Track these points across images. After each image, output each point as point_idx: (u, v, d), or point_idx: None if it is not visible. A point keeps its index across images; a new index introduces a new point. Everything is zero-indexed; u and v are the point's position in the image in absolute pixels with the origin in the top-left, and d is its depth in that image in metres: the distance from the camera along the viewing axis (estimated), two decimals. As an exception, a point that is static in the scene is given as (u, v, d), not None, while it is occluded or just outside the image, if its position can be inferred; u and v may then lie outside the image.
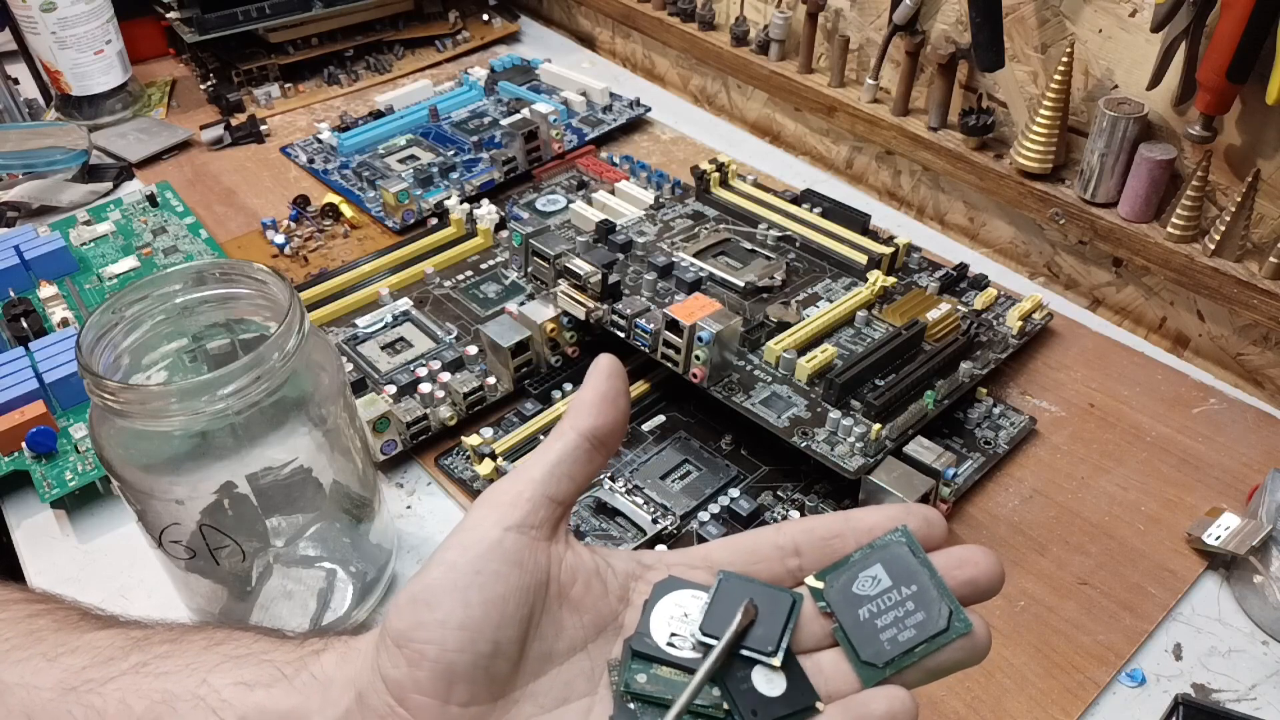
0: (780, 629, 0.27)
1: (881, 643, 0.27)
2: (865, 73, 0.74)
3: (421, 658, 0.26)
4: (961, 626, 0.27)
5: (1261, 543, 0.46)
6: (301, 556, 0.47)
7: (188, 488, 0.38)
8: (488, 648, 0.27)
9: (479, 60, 0.97)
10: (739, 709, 0.26)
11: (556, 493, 0.29)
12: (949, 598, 0.27)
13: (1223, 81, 0.53)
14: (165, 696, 0.28)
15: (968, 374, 0.55)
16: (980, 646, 0.28)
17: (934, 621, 0.27)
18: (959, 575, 0.28)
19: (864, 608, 0.28)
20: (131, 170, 0.81)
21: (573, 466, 0.29)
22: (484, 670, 0.27)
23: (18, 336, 0.60)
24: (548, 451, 0.30)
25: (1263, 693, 0.43)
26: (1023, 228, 0.70)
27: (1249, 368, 0.61)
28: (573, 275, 0.56)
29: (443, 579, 0.27)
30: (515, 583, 0.27)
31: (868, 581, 0.28)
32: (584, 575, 0.29)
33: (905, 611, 0.27)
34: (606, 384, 0.31)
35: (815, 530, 0.30)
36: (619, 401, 0.30)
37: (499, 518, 0.28)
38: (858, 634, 0.28)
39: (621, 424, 0.31)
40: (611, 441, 0.30)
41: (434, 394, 0.55)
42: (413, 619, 0.27)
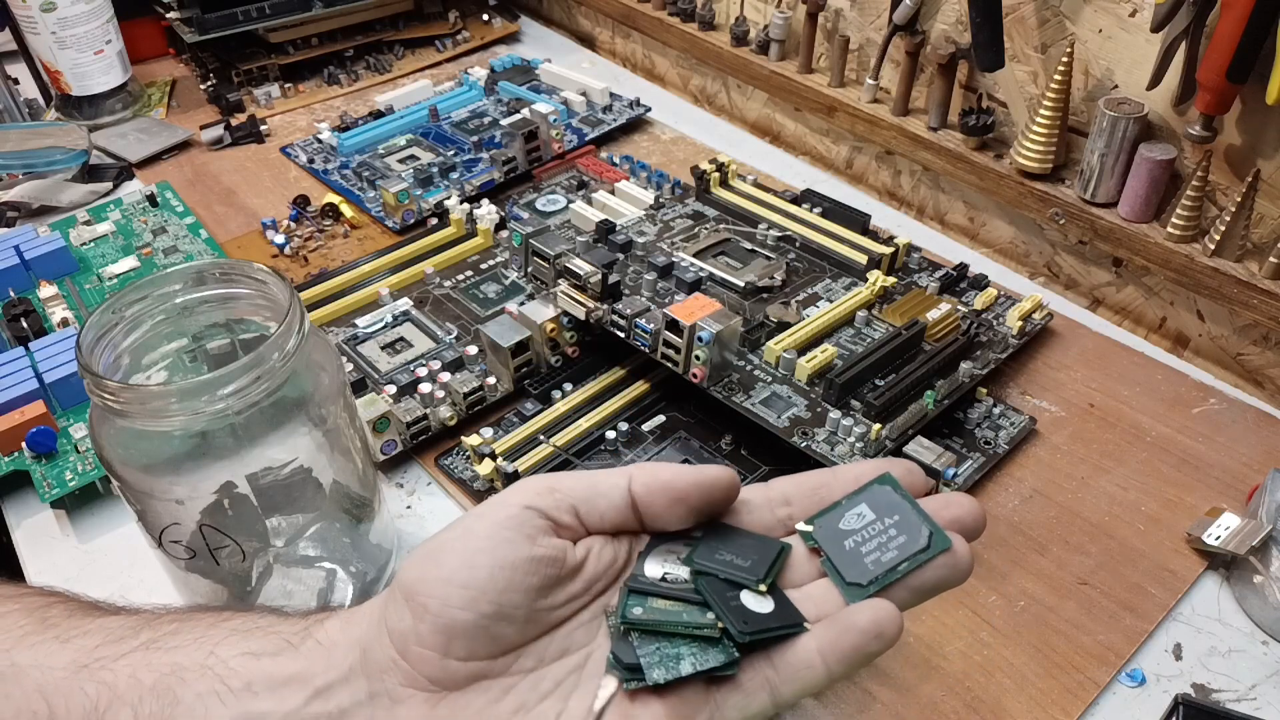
0: (768, 565, 0.29)
1: (866, 565, 0.29)
2: (865, 73, 0.74)
3: (425, 611, 0.27)
4: (941, 543, 0.28)
5: (1261, 543, 0.46)
6: (301, 556, 0.47)
7: (188, 488, 0.38)
8: (490, 609, 0.27)
9: (479, 60, 0.97)
10: (729, 620, 0.27)
11: (586, 514, 0.30)
12: (929, 521, 0.29)
13: (1223, 81, 0.53)
14: (174, 668, 0.28)
15: (968, 374, 0.55)
16: (961, 563, 0.29)
17: (915, 541, 0.29)
18: (944, 514, 0.29)
19: (849, 539, 0.29)
20: (131, 170, 0.81)
21: (609, 509, 0.30)
22: (485, 630, 0.27)
23: (18, 336, 0.60)
24: (598, 478, 0.30)
25: (1263, 693, 0.43)
26: (1023, 228, 0.70)
27: (1249, 368, 0.61)
28: (573, 275, 0.56)
29: (454, 539, 0.28)
30: (526, 555, 0.28)
31: (854, 518, 0.30)
32: (595, 549, 0.30)
33: (888, 537, 0.29)
34: (697, 492, 0.30)
35: (804, 482, 0.31)
36: (682, 508, 0.30)
37: (523, 498, 0.29)
38: (843, 561, 0.29)
39: (670, 519, 0.30)
40: (651, 517, 0.30)
41: (434, 394, 0.55)
42: (420, 573, 0.28)
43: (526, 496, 0.29)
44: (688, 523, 0.30)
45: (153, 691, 0.28)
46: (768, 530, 0.31)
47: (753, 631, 0.27)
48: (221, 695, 0.28)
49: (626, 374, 0.58)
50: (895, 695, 0.43)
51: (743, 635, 0.27)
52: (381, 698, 0.28)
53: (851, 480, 0.31)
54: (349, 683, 0.28)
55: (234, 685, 0.28)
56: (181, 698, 0.28)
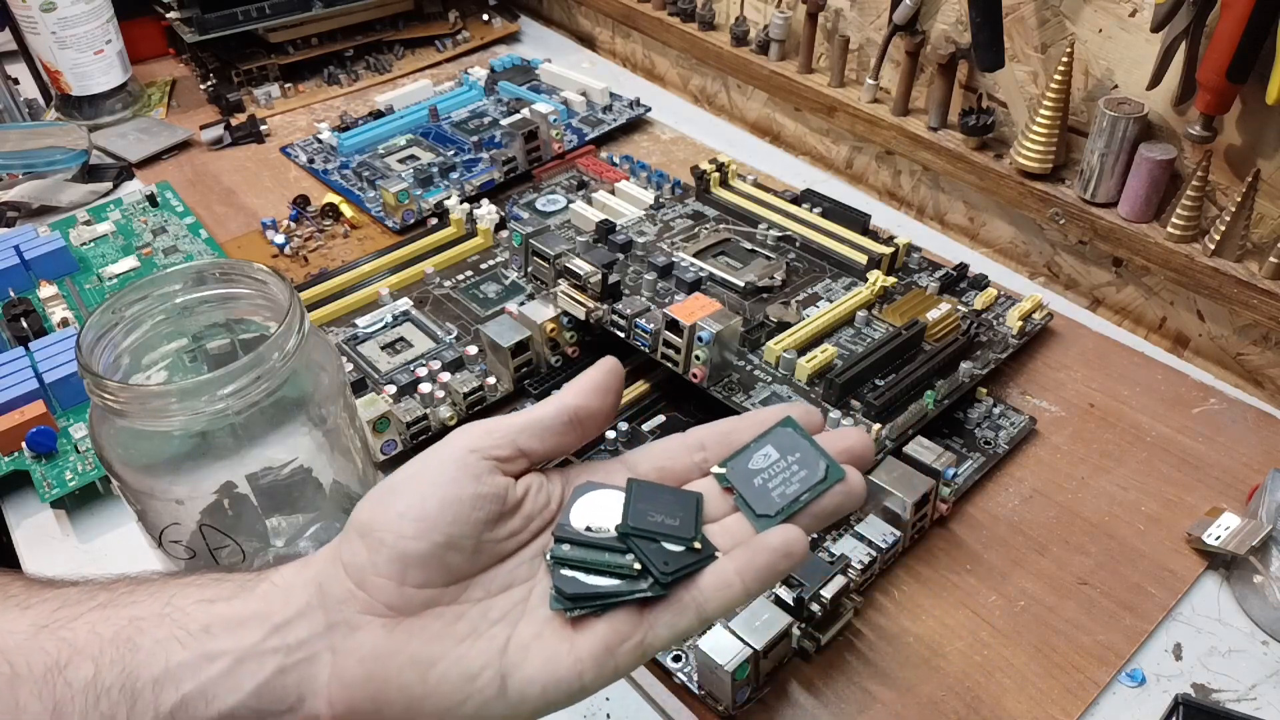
0: (694, 520, 0.32)
1: (773, 498, 0.32)
2: (865, 73, 0.74)
3: (381, 544, 0.29)
4: (836, 474, 0.32)
5: (1261, 543, 0.46)
6: (301, 557, 0.47)
7: (188, 488, 0.38)
8: (441, 539, 0.29)
9: (479, 60, 0.97)
10: (651, 563, 0.30)
11: (525, 445, 0.32)
12: (825, 456, 0.33)
13: (1223, 81, 0.53)
14: (131, 620, 0.30)
15: (968, 374, 0.55)
16: (855, 489, 0.33)
17: (814, 474, 0.32)
18: (838, 445, 0.33)
19: (757, 477, 0.33)
20: (131, 170, 0.81)
21: (546, 432, 0.32)
22: (437, 559, 0.30)
23: (18, 336, 0.60)
24: (530, 410, 0.33)
25: (1263, 693, 0.43)
26: (1023, 228, 0.70)
27: (1249, 368, 0.61)
28: (573, 275, 0.56)
29: (406, 478, 0.31)
30: (471, 490, 0.30)
31: (761, 458, 0.33)
32: (533, 489, 0.32)
33: (791, 473, 0.33)
34: (604, 377, 0.33)
35: (717, 428, 0.35)
36: (608, 396, 0.33)
37: (467, 441, 0.31)
38: (753, 496, 0.32)
39: (604, 414, 0.33)
40: (589, 426, 0.33)
41: (434, 394, 0.55)
42: (375, 511, 0.30)
43: (469, 440, 0.31)
44: (612, 414, 0.34)
45: (112, 642, 0.29)
46: (686, 473, 0.34)
47: (673, 571, 0.30)
48: (180, 639, 0.29)
49: (626, 374, 0.58)
50: (895, 695, 0.43)
51: (664, 576, 0.30)
52: (340, 626, 0.29)
53: (758, 425, 0.34)
54: (306, 616, 0.30)
55: (192, 629, 0.29)
56: (140, 645, 0.29)
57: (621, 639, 0.30)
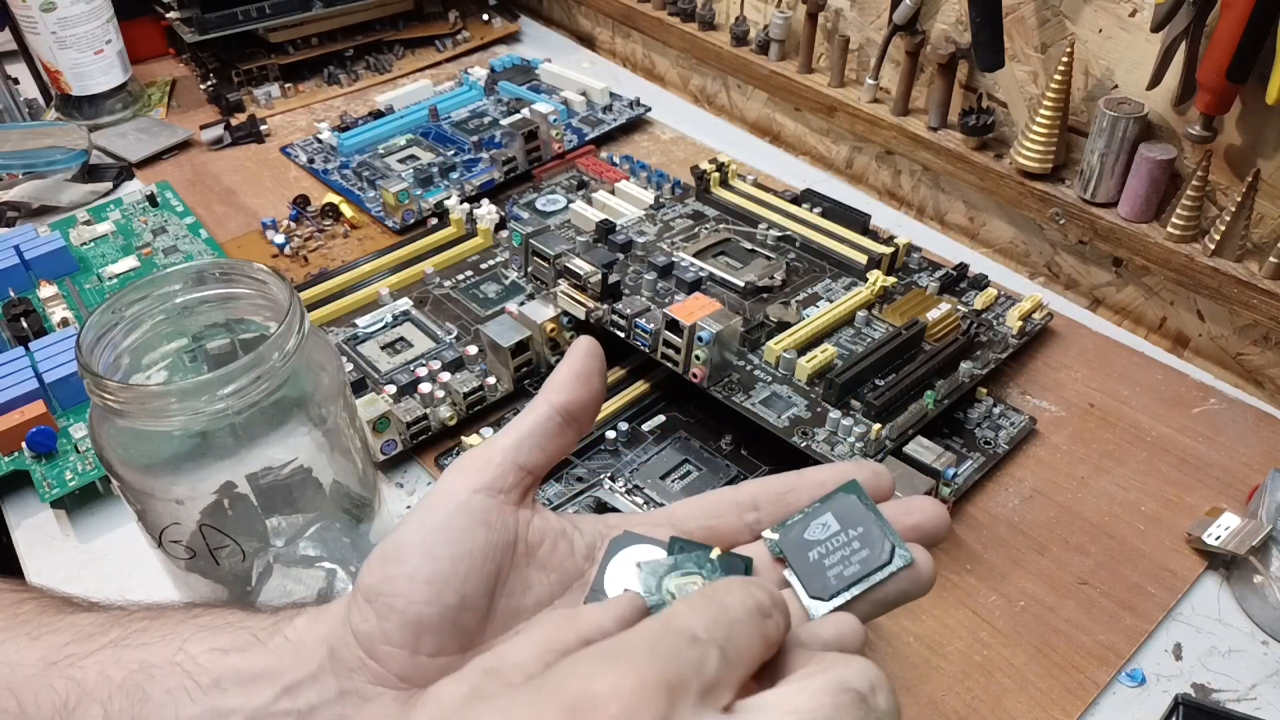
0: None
1: (828, 578, 0.29)
2: (865, 73, 0.74)
3: (390, 610, 0.28)
4: (901, 560, 0.29)
5: (1261, 543, 0.46)
6: (301, 556, 0.47)
7: (188, 488, 0.38)
8: (455, 600, 0.28)
9: (479, 60, 0.97)
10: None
11: (526, 461, 0.30)
12: (892, 535, 0.29)
13: (1223, 81, 0.53)
14: (142, 665, 0.29)
15: (968, 374, 0.55)
16: (923, 577, 0.29)
17: (877, 556, 0.29)
18: (906, 521, 0.30)
19: (813, 550, 0.30)
20: (131, 170, 0.81)
21: (543, 438, 0.31)
22: (451, 622, 0.28)
23: (18, 336, 0.60)
24: (520, 423, 0.31)
25: (1263, 693, 0.43)
26: (1023, 228, 0.70)
27: (1249, 368, 0.61)
28: (573, 275, 0.56)
29: (412, 535, 0.28)
30: (482, 539, 0.28)
31: (818, 528, 0.30)
32: (551, 537, 0.30)
33: (851, 550, 0.29)
34: (583, 362, 0.32)
35: (771, 486, 0.32)
36: (593, 380, 0.31)
37: (468, 481, 0.29)
38: (806, 573, 0.29)
39: (594, 402, 0.32)
40: (583, 418, 0.31)
41: (434, 394, 0.55)
42: (382, 574, 0.28)
43: (469, 480, 0.29)
44: (601, 397, 0.32)
45: (121, 688, 0.28)
46: (735, 535, 0.31)
47: None
48: (190, 691, 0.28)
49: (626, 374, 0.58)
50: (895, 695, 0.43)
51: None
52: (351, 695, 0.28)
53: (818, 486, 0.31)
54: (318, 680, 0.28)
55: (203, 681, 0.28)
56: (151, 694, 0.28)
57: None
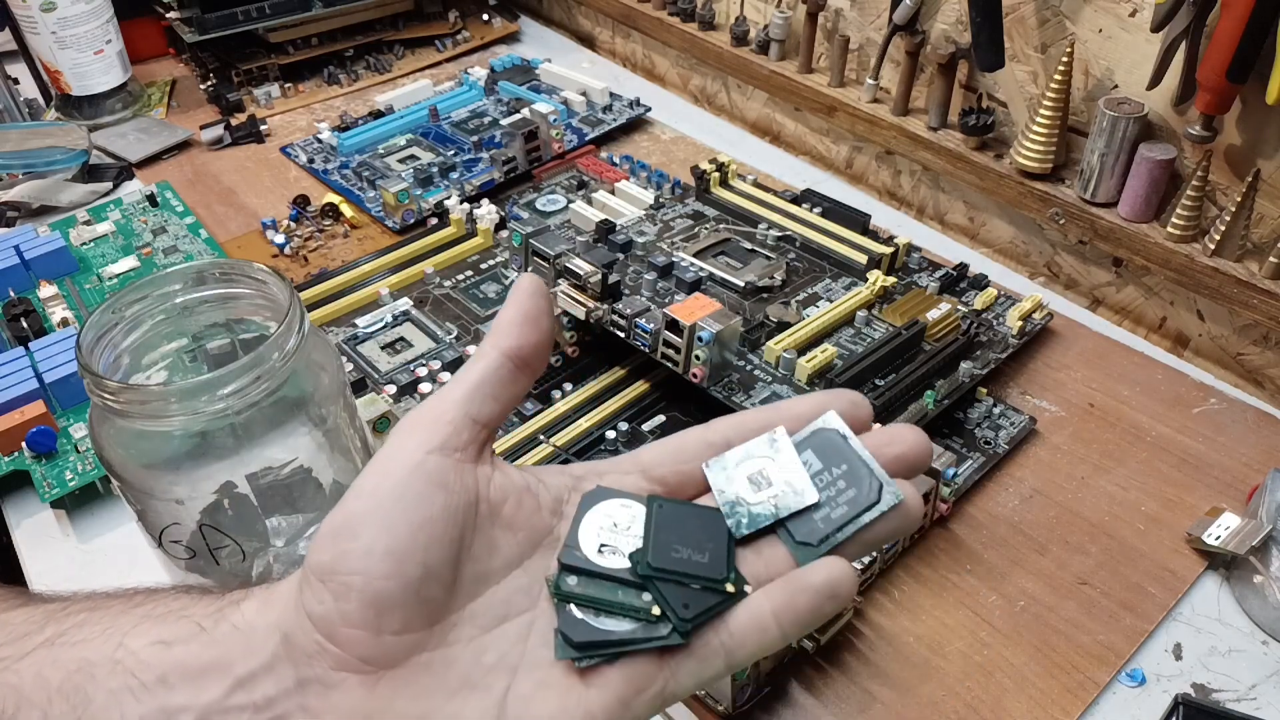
0: (725, 554, 0.28)
1: (815, 522, 0.28)
2: (865, 73, 0.74)
3: (348, 589, 0.26)
4: (891, 498, 0.27)
5: (1261, 543, 0.46)
6: (301, 556, 0.47)
7: (188, 488, 0.38)
8: (417, 571, 0.26)
9: (479, 60, 0.97)
10: (671, 607, 0.26)
11: (479, 413, 0.28)
12: (878, 471, 0.28)
13: (1223, 81, 0.53)
14: (81, 665, 0.27)
15: (968, 374, 0.54)
16: (912, 514, 0.28)
17: (865, 496, 0.28)
18: (888, 452, 0.28)
19: None
20: (131, 170, 0.81)
21: (495, 387, 0.29)
22: (415, 595, 0.26)
23: (18, 336, 0.60)
24: (469, 372, 0.29)
25: (1263, 693, 0.43)
26: (1023, 228, 0.70)
27: (1249, 368, 0.61)
28: (573, 275, 0.56)
29: (364, 506, 0.26)
30: (441, 504, 0.27)
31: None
32: (515, 493, 0.29)
33: (837, 490, 0.28)
34: (529, 303, 0.29)
35: (746, 424, 0.30)
36: (541, 321, 0.29)
37: (420, 441, 0.27)
38: (792, 518, 0.28)
39: (545, 344, 0.30)
40: (535, 361, 0.29)
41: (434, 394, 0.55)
42: (335, 550, 0.26)
43: (422, 439, 0.27)
44: (551, 338, 0.30)
45: (60, 692, 0.26)
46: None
47: (695, 616, 0.26)
48: (135, 690, 0.26)
49: (626, 374, 0.58)
50: (895, 695, 0.43)
51: (685, 623, 0.26)
52: (312, 684, 0.26)
53: (795, 419, 0.29)
54: (273, 670, 0.26)
55: (147, 679, 0.26)
56: (93, 696, 0.26)
57: (638, 690, 0.26)
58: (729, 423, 0.30)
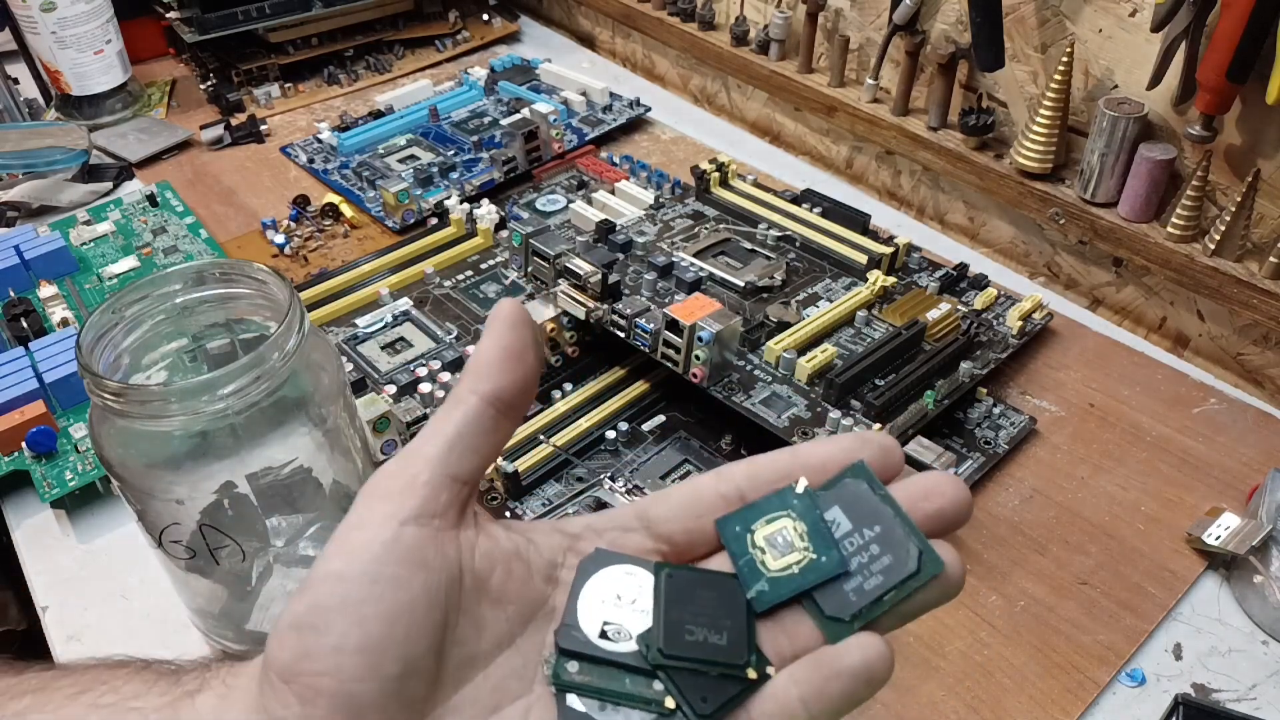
0: (746, 633, 0.24)
1: (846, 594, 0.24)
2: (865, 73, 0.74)
3: (316, 694, 0.22)
4: (933, 567, 0.24)
5: (1261, 543, 0.46)
6: (301, 556, 0.47)
7: (188, 488, 0.38)
8: (396, 669, 0.23)
9: (479, 60, 0.97)
10: (686, 700, 0.24)
11: (460, 471, 0.25)
12: (916, 535, 0.24)
13: (1223, 81, 0.53)
14: None
15: (968, 374, 0.55)
16: (954, 584, 0.24)
17: (902, 564, 0.24)
18: (925, 508, 0.25)
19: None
20: (131, 170, 0.81)
21: (476, 438, 0.25)
22: (395, 695, 0.23)
23: (18, 336, 0.60)
24: (445, 423, 0.25)
25: (1263, 693, 0.43)
26: (1023, 228, 0.70)
27: (1249, 368, 0.61)
28: (573, 275, 0.56)
29: (331, 595, 0.23)
30: (421, 585, 0.23)
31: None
32: (503, 560, 0.25)
33: (870, 556, 0.24)
34: (511, 336, 0.25)
35: (761, 473, 0.26)
36: (526, 356, 0.26)
37: (392, 510, 0.24)
38: (819, 588, 0.25)
39: (531, 382, 0.26)
40: (520, 403, 0.26)
41: (434, 394, 0.55)
42: (299, 648, 0.23)
43: (396, 507, 0.24)
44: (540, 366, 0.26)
45: None
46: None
47: (714, 711, 0.24)
48: None
49: (626, 374, 0.58)
50: (895, 695, 0.43)
51: (702, 718, 0.24)
52: None
53: (818, 468, 0.26)
54: None
55: None
56: None
57: None
58: (742, 470, 0.27)
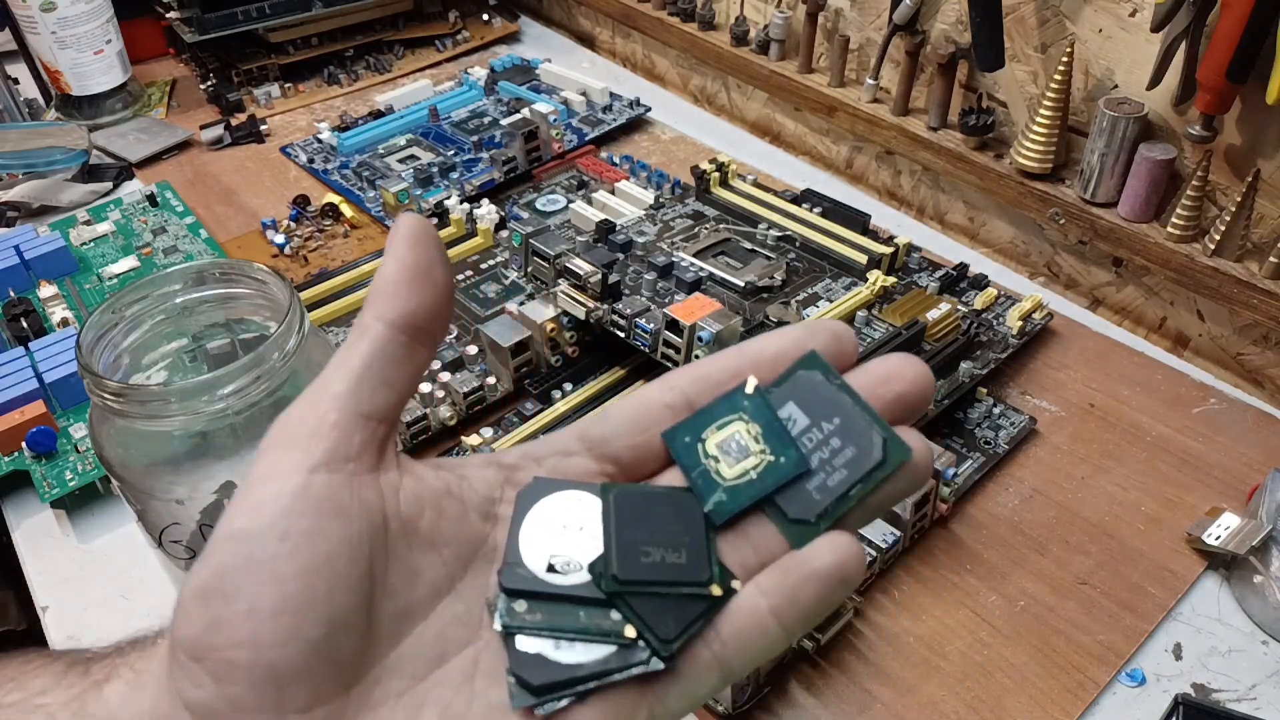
0: (705, 549, 0.23)
1: (810, 494, 0.23)
2: (865, 73, 0.74)
3: (231, 668, 0.20)
4: (899, 454, 0.22)
5: (1261, 543, 0.46)
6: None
7: (188, 488, 0.38)
8: (319, 630, 0.20)
9: (479, 60, 0.97)
10: (648, 626, 0.22)
11: (373, 408, 0.23)
12: (879, 423, 0.23)
13: (1223, 81, 0.53)
14: None
15: (968, 374, 0.55)
16: (922, 471, 0.23)
17: (867, 455, 0.23)
18: (885, 393, 0.23)
19: None
20: (131, 170, 0.81)
21: (387, 370, 0.23)
22: (322, 658, 0.21)
23: (18, 336, 0.60)
24: (351, 356, 0.23)
25: (1263, 693, 0.43)
26: (1023, 228, 0.70)
27: (1249, 368, 0.61)
28: (573, 275, 0.56)
29: (237, 555, 0.21)
30: (339, 537, 0.21)
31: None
32: (431, 501, 0.23)
33: (831, 451, 0.23)
34: (415, 253, 0.23)
35: (708, 376, 0.24)
36: (434, 274, 0.23)
37: (300, 458, 0.22)
38: (781, 490, 0.23)
39: (442, 303, 0.23)
40: (434, 328, 0.23)
41: (434, 394, 0.55)
42: (207, 619, 0.20)
43: (303, 454, 0.22)
44: (450, 292, 0.23)
45: None
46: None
47: (678, 634, 0.22)
48: None
49: (626, 374, 0.58)
50: (895, 695, 0.43)
51: (667, 645, 0.22)
52: None
53: (768, 364, 0.24)
54: None
55: None
56: None
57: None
58: (688, 376, 0.24)
